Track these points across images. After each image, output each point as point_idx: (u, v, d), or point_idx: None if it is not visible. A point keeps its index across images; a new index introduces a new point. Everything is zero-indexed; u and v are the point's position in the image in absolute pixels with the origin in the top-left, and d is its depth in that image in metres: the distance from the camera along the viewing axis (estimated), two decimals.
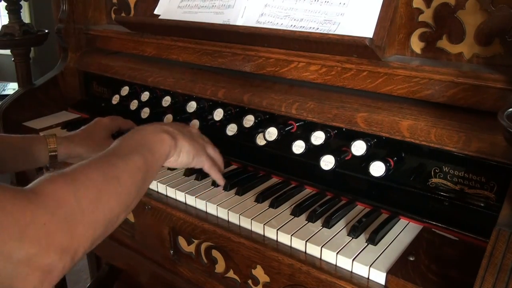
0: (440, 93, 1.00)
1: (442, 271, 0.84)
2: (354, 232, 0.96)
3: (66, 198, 0.70)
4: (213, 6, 1.37)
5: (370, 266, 0.87)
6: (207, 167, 1.08)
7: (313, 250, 0.94)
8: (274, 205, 1.08)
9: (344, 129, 1.13)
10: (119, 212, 0.79)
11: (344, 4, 1.14)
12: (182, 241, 1.19)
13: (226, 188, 1.15)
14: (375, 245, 0.93)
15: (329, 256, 0.92)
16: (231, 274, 1.10)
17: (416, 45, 1.10)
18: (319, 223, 1.01)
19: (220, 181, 1.13)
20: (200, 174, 1.20)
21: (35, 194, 0.67)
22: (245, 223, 1.04)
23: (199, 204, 1.13)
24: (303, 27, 1.18)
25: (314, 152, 1.12)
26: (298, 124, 1.21)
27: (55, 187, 0.70)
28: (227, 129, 1.27)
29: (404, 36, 1.11)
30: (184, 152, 1.00)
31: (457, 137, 0.96)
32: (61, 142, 1.25)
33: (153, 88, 1.53)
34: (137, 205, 0.88)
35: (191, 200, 1.14)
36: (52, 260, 0.65)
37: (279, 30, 1.16)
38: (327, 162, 1.08)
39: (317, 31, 1.14)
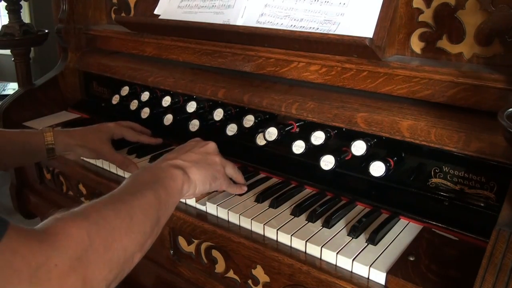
0: (440, 93, 1.00)
1: (442, 271, 0.84)
2: (354, 232, 0.96)
3: (78, 237, 0.66)
4: (213, 6, 1.37)
5: (370, 266, 0.87)
6: (225, 187, 1.10)
7: (313, 250, 0.94)
8: (274, 205, 1.08)
9: (344, 129, 1.13)
10: (133, 251, 0.76)
11: (344, 4, 1.14)
12: (182, 241, 1.19)
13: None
14: (375, 245, 0.93)
15: (329, 256, 0.92)
16: (231, 274, 1.10)
17: (416, 45, 1.10)
18: (319, 223, 1.01)
19: (241, 191, 1.14)
20: None
21: (46, 234, 0.64)
22: (245, 223, 1.04)
23: (199, 204, 1.13)
24: (303, 27, 1.18)
25: (314, 152, 1.12)
26: (298, 124, 1.21)
27: (67, 226, 0.67)
28: (227, 129, 1.27)
29: (404, 36, 1.11)
30: (199, 183, 0.99)
31: (457, 137, 0.96)
32: (58, 135, 1.26)
33: (153, 88, 1.53)
34: None
35: (190, 201, 1.14)
36: None
37: (279, 30, 1.16)
38: (327, 162, 1.08)
39: (317, 31, 1.14)
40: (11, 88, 3.97)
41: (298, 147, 1.14)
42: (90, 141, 1.29)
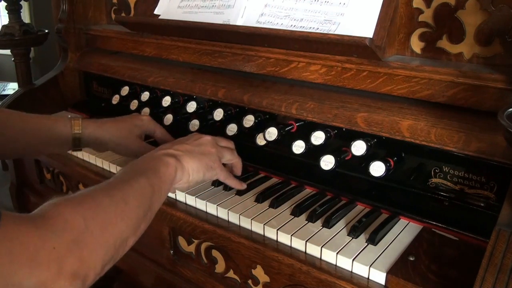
0: (440, 93, 1.00)
1: (442, 271, 0.84)
2: (354, 232, 0.96)
3: (74, 220, 0.68)
4: (213, 6, 1.37)
5: (370, 266, 0.87)
6: (222, 178, 1.09)
7: (313, 250, 0.94)
8: (274, 205, 1.08)
9: (344, 129, 1.13)
10: (128, 235, 0.78)
11: (344, 4, 1.14)
12: (182, 241, 1.19)
13: (226, 188, 1.16)
14: (375, 245, 0.93)
15: (329, 256, 0.92)
16: (231, 274, 1.10)
17: (416, 45, 1.10)
18: (319, 223, 1.01)
19: (239, 186, 1.13)
20: None
21: (42, 219, 0.66)
22: (245, 223, 1.04)
23: (199, 204, 1.13)
24: (303, 27, 1.18)
25: (314, 152, 1.12)
26: (298, 124, 1.21)
27: (62, 210, 0.69)
28: (227, 129, 1.27)
29: (404, 36, 1.11)
30: (193, 172, 1.00)
31: (457, 137, 0.96)
32: (86, 126, 1.19)
33: (153, 88, 1.53)
34: None
35: (191, 200, 1.14)
36: (63, 286, 0.64)
37: (279, 30, 1.16)
38: (327, 162, 1.08)
39: (317, 31, 1.14)
40: (11, 88, 3.98)
41: (298, 147, 1.14)
42: (124, 137, 1.21)
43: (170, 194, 1.17)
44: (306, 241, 0.94)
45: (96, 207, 0.74)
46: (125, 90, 1.59)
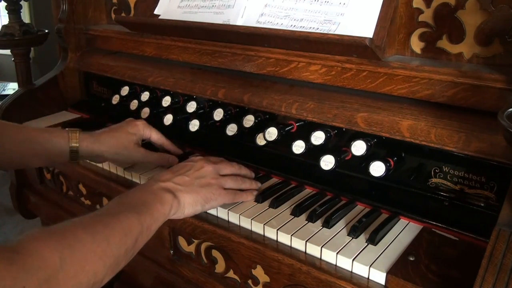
0: (440, 93, 1.00)
1: (442, 271, 0.84)
2: (354, 232, 0.96)
3: (50, 259, 0.67)
4: (213, 6, 1.37)
5: (370, 266, 0.87)
6: (229, 202, 1.07)
7: (313, 250, 0.94)
8: (274, 205, 1.08)
9: (344, 129, 1.13)
10: (104, 275, 0.76)
11: (344, 4, 1.14)
12: (182, 241, 1.19)
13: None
14: (375, 245, 0.93)
15: (329, 256, 0.92)
16: (231, 274, 1.10)
17: (416, 45, 1.10)
18: (319, 223, 1.01)
19: (250, 197, 1.10)
20: None
21: (18, 254, 0.65)
22: (245, 223, 1.04)
23: None
24: (303, 27, 1.18)
25: (314, 152, 1.12)
26: (298, 124, 1.21)
27: (40, 245, 0.68)
28: (227, 129, 1.27)
29: (404, 36, 1.11)
30: (189, 206, 0.99)
31: (457, 137, 0.96)
32: (84, 138, 1.18)
33: (153, 88, 1.53)
34: None
35: None
36: None
37: (279, 30, 1.16)
38: (327, 162, 1.08)
39: (317, 31, 1.14)
40: (11, 88, 3.98)
41: (298, 147, 1.14)
42: (123, 147, 1.20)
43: None
44: (306, 241, 0.94)
45: (75, 245, 0.72)
46: (125, 90, 1.59)
